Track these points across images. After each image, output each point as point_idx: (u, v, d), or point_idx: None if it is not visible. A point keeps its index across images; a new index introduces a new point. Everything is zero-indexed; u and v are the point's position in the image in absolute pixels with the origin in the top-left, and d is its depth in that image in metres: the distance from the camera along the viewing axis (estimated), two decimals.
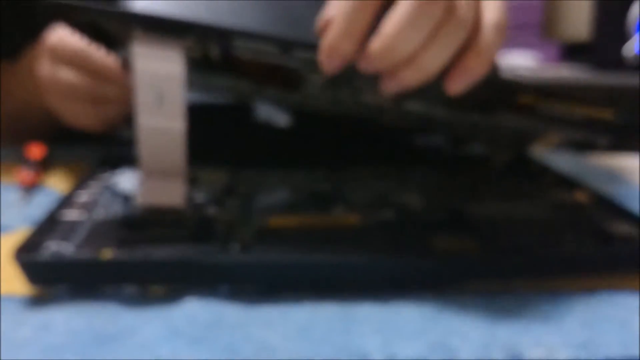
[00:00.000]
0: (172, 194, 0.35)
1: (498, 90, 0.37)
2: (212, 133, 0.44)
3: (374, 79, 0.32)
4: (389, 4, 0.30)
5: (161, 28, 0.33)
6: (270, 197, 0.42)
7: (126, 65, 0.48)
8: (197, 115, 0.35)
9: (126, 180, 0.43)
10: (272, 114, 0.59)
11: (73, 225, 0.35)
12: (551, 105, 0.39)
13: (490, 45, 0.32)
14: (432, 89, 0.32)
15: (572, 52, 1.86)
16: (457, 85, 0.32)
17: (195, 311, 0.29)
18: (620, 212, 0.40)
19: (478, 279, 0.33)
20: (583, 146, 0.51)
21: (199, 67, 0.39)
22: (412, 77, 0.31)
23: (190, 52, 0.35)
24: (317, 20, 0.31)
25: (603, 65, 1.58)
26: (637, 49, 1.51)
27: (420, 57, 0.30)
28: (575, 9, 2.00)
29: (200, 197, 0.40)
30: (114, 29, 0.38)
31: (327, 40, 0.31)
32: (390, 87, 0.32)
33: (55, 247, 0.32)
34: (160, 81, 0.33)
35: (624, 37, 1.54)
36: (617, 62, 1.54)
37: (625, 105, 0.38)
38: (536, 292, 0.32)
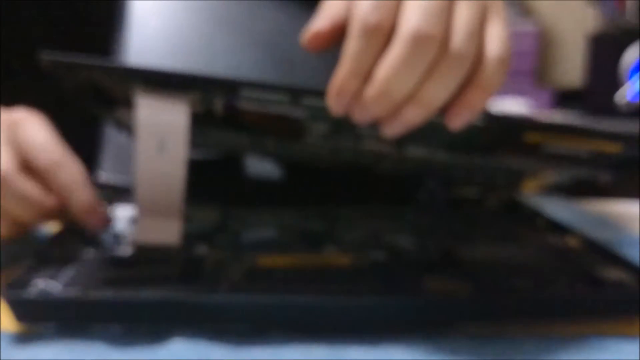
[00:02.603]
0: (168, 232, 0.35)
1: (505, 129, 0.37)
2: (204, 180, 0.44)
3: (377, 125, 0.32)
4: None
5: (165, 84, 0.33)
6: (260, 236, 0.41)
7: (120, 126, 0.48)
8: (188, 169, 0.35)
9: (116, 218, 0.43)
10: (264, 169, 0.58)
11: (62, 264, 0.35)
12: (558, 143, 0.39)
13: (492, 79, 0.31)
14: (434, 133, 0.32)
15: (565, 99, 1.88)
16: (457, 120, 0.31)
17: (181, 351, 0.29)
18: (611, 257, 0.40)
19: (469, 322, 0.33)
20: (580, 186, 0.50)
21: (199, 123, 0.39)
22: (415, 114, 0.31)
23: (194, 107, 0.34)
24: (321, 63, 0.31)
25: (596, 112, 1.59)
26: (630, 96, 1.53)
27: (421, 93, 0.30)
28: (568, 56, 2.03)
29: (190, 235, 0.40)
30: (113, 87, 0.37)
31: (335, 81, 0.31)
32: (393, 128, 0.32)
33: (43, 285, 0.32)
34: (162, 131, 0.33)
35: (616, 85, 1.55)
36: (610, 110, 1.55)
37: (633, 139, 0.38)
38: (527, 336, 0.32)
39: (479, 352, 0.30)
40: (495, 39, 0.31)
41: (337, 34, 0.32)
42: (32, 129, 0.38)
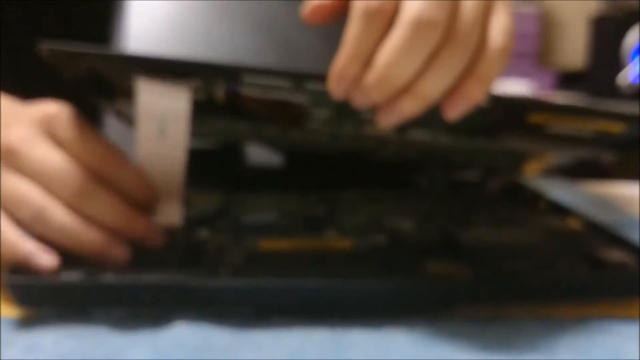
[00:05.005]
0: (169, 215, 0.35)
1: (509, 110, 0.37)
2: (205, 168, 0.44)
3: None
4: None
5: (166, 71, 0.32)
6: (261, 220, 0.41)
7: (120, 117, 0.48)
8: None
9: None
10: (264, 157, 0.58)
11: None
12: (562, 123, 0.38)
13: (492, 70, 0.30)
14: (437, 116, 0.31)
15: (568, 80, 1.87)
16: (454, 111, 0.30)
17: (183, 335, 0.29)
18: (613, 239, 0.40)
19: (470, 305, 0.33)
20: (581, 167, 0.50)
21: (200, 111, 0.38)
22: (411, 105, 0.30)
23: (196, 95, 0.34)
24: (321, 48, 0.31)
25: (598, 93, 1.59)
26: (632, 77, 1.52)
27: (419, 84, 0.29)
28: (571, 38, 2.02)
29: (191, 220, 0.40)
30: (114, 77, 0.36)
31: (336, 66, 0.30)
32: (389, 119, 0.31)
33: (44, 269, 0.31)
34: (162, 116, 0.33)
35: (618, 66, 1.55)
36: (612, 91, 1.55)
37: (636, 119, 0.37)
38: (528, 319, 0.32)
39: (480, 334, 0.30)
40: (499, 30, 0.30)
41: (338, 9, 0.32)
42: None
